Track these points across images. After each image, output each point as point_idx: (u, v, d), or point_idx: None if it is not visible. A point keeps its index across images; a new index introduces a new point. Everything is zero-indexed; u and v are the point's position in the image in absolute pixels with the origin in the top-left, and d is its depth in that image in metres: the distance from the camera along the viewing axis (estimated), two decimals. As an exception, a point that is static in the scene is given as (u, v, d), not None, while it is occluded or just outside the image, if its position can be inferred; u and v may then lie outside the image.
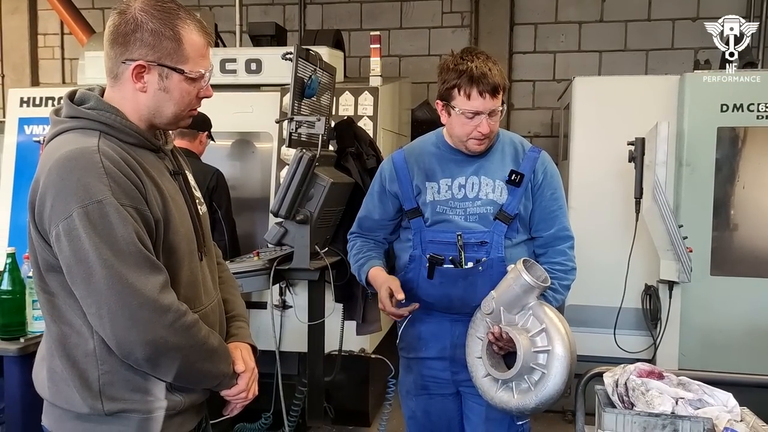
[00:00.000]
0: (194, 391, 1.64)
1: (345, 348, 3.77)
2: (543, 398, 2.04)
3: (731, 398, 1.90)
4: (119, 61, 1.54)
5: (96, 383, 1.52)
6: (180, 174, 1.69)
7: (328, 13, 6.89)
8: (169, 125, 1.65)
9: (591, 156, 4.42)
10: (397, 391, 2.63)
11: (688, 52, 6.01)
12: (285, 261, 3.19)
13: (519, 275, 2.08)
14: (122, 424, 1.54)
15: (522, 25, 6.50)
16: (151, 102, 1.57)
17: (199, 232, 1.69)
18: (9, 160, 4.57)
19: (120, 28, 1.52)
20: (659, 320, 4.17)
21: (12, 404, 2.64)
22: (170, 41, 1.53)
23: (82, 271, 1.42)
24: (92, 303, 1.44)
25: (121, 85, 1.56)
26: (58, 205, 1.42)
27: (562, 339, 2.05)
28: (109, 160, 1.45)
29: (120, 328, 1.43)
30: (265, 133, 4.25)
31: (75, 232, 1.41)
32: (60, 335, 1.55)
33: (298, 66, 3.13)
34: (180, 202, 1.63)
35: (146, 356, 1.47)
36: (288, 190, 3.07)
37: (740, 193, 4.20)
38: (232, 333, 1.81)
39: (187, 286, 1.61)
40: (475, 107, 2.18)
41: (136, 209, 1.46)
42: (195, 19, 1.58)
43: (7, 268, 2.63)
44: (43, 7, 7.22)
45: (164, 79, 1.55)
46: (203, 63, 1.59)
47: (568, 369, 2.04)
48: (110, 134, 1.53)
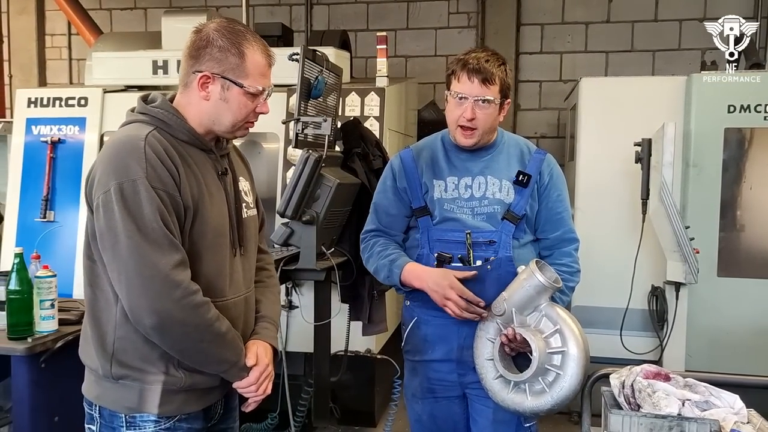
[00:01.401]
0: (200, 372, 1.74)
1: (351, 348, 3.78)
2: (559, 399, 2.04)
3: (738, 400, 1.90)
4: (190, 71, 1.75)
5: (111, 346, 1.71)
6: (227, 175, 1.86)
7: (335, 14, 6.90)
8: (226, 133, 1.83)
9: (597, 157, 4.41)
10: (402, 393, 2.63)
11: (695, 52, 6.00)
12: (291, 261, 3.20)
13: (532, 276, 2.07)
14: (127, 391, 1.71)
15: (528, 25, 6.49)
16: (212, 110, 1.76)
17: (236, 230, 1.84)
18: (17, 161, 4.58)
19: (195, 43, 1.75)
20: (666, 321, 4.16)
21: (20, 404, 2.65)
22: (235, 57, 1.73)
23: (110, 238, 1.62)
24: (114, 268, 1.63)
25: (188, 92, 1.77)
26: (102, 179, 1.64)
27: (577, 340, 2.05)
28: (151, 148, 1.65)
29: (134, 294, 1.62)
30: (271, 133, 4.25)
31: (110, 204, 1.61)
32: (92, 299, 1.75)
33: (304, 67, 3.13)
34: (218, 198, 1.80)
35: (152, 324, 1.62)
36: (294, 190, 3.07)
37: (747, 194, 4.19)
38: (256, 332, 1.92)
39: (209, 274, 1.75)
40: (463, 90, 2.22)
41: (167, 193, 1.64)
42: (260, 42, 1.80)
43: (14, 268, 2.64)
44: (51, 7, 7.25)
45: (225, 91, 1.75)
46: (263, 81, 1.80)
47: (583, 369, 2.04)
48: (164, 129, 1.74)
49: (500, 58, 2.26)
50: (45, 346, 2.61)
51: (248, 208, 1.95)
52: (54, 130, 4.51)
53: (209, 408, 1.86)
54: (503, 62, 2.26)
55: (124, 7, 7.20)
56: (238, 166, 1.98)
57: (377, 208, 2.48)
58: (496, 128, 2.34)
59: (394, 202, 2.42)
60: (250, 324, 1.92)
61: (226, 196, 1.83)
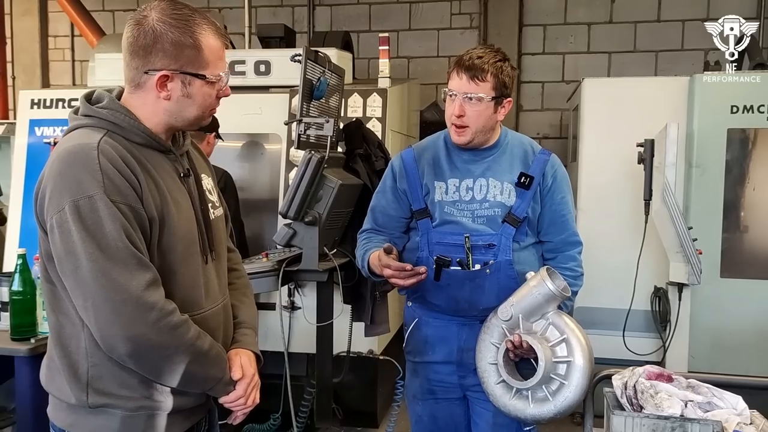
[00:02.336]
0: (185, 393, 1.62)
1: (353, 349, 3.77)
2: (562, 408, 2.04)
3: (741, 401, 1.89)
4: (141, 71, 1.57)
5: (85, 375, 1.54)
6: (190, 176, 1.70)
7: (337, 15, 6.91)
8: (190, 126, 1.68)
9: (600, 157, 4.40)
10: (404, 394, 2.63)
11: (698, 53, 5.99)
12: (294, 262, 3.19)
13: (542, 283, 2.04)
14: (106, 418, 1.55)
15: (531, 26, 6.50)
16: (174, 107, 1.60)
17: (205, 236, 1.70)
18: (20, 162, 4.59)
19: (140, 39, 1.55)
20: (668, 322, 4.16)
21: (23, 404, 2.66)
22: (190, 49, 1.56)
23: (70, 262, 1.45)
24: (79, 295, 1.47)
25: (143, 93, 1.59)
26: (54, 197, 1.46)
27: (583, 350, 2.03)
28: (106, 157, 1.47)
29: (103, 321, 1.46)
30: (273, 134, 4.26)
31: (66, 225, 1.44)
32: (57, 325, 1.59)
33: (306, 68, 3.13)
34: (184, 204, 1.64)
35: (128, 352, 1.48)
36: (297, 191, 3.07)
37: (750, 195, 4.19)
38: (237, 339, 1.80)
39: (184, 288, 1.62)
40: (452, 87, 2.22)
41: (129, 206, 1.48)
42: (210, 22, 1.61)
43: (18, 269, 2.65)
44: (54, 9, 7.28)
45: (187, 86, 1.59)
46: (221, 65, 1.63)
47: (587, 379, 2.03)
48: (117, 133, 1.56)
49: (499, 55, 2.21)
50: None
51: (214, 207, 1.79)
52: (57, 131, 4.51)
53: (193, 427, 1.73)
54: (502, 59, 2.21)
55: (126, 8, 7.22)
56: (198, 163, 1.81)
57: (375, 208, 2.47)
58: (494, 128, 2.29)
59: (393, 203, 2.41)
60: (230, 332, 1.79)
61: (191, 200, 1.67)
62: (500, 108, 2.25)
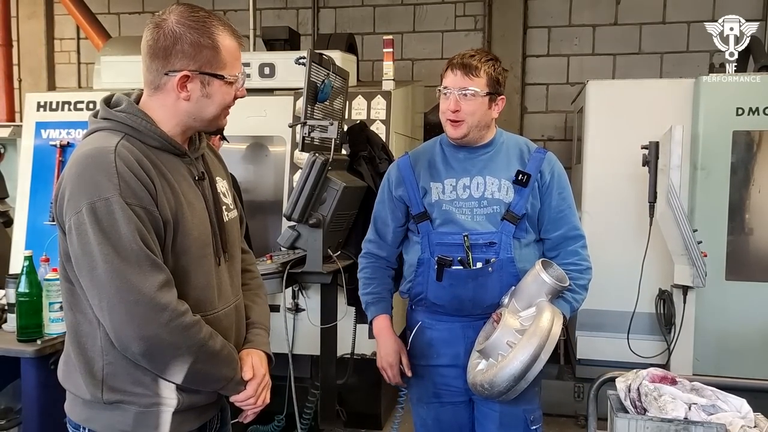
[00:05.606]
0: (197, 391, 1.66)
1: (357, 351, 3.78)
2: (492, 378, 2.06)
3: (745, 404, 1.89)
4: (161, 73, 1.61)
5: (100, 372, 1.60)
6: (204, 179, 1.74)
7: (341, 17, 6.92)
8: (207, 127, 1.72)
9: (605, 160, 4.40)
10: (408, 397, 2.63)
11: (703, 55, 5.98)
12: (298, 264, 3.20)
13: (536, 273, 2.14)
14: (120, 414, 1.60)
15: (535, 28, 6.50)
16: (194, 108, 1.65)
17: (218, 238, 1.74)
18: (26, 164, 4.62)
19: (159, 41, 1.59)
20: (673, 325, 4.15)
21: (29, 405, 2.67)
22: (209, 50, 1.61)
23: (87, 263, 1.50)
24: (95, 295, 1.52)
25: (162, 95, 1.64)
26: (72, 199, 1.51)
27: (538, 341, 2.03)
28: (122, 161, 1.52)
29: (117, 321, 1.50)
30: (278, 136, 4.27)
31: (83, 226, 1.49)
32: (74, 323, 1.64)
33: (311, 70, 3.14)
34: (198, 207, 1.68)
35: (141, 351, 1.52)
36: (301, 193, 3.08)
37: (756, 197, 4.17)
38: (249, 339, 1.85)
39: (197, 288, 1.66)
40: (447, 84, 2.28)
41: (144, 209, 1.52)
42: (226, 24, 1.67)
43: (24, 271, 2.66)
44: (60, 12, 7.32)
45: (206, 86, 1.63)
46: (238, 65, 1.69)
47: (523, 367, 2.02)
48: (134, 136, 1.60)
49: (490, 56, 2.30)
50: (54, 348, 2.63)
51: (228, 210, 1.83)
52: (63, 133, 4.54)
53: (205, 424, 1.79)
54: (493, 59, 2.29)
55: (132, 11, 7.25)
56: (214, 166, 1.85)
57: (375, 218, 2.52)
58: (489, 124, 2.33)
59: (390, 212, 2.45)
60: (242, 332, 1.84)
61: (205, 203, 1.71)
62: (494, 105, 2.30)
